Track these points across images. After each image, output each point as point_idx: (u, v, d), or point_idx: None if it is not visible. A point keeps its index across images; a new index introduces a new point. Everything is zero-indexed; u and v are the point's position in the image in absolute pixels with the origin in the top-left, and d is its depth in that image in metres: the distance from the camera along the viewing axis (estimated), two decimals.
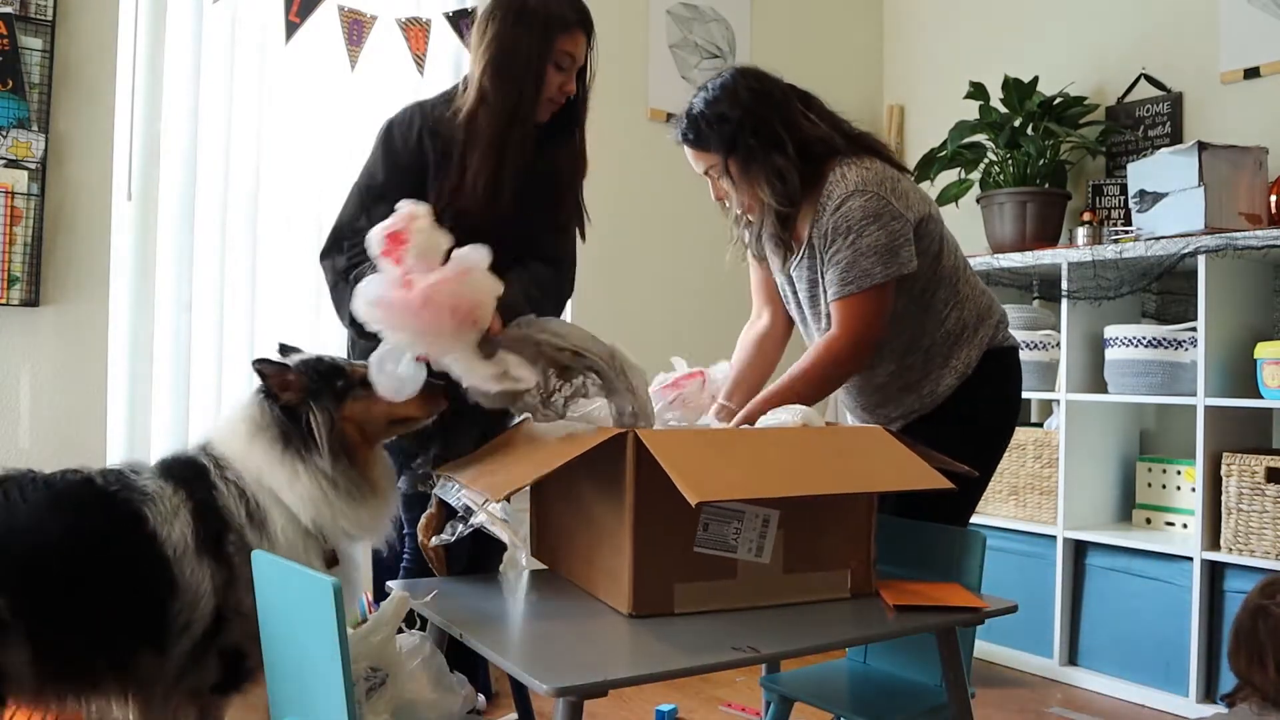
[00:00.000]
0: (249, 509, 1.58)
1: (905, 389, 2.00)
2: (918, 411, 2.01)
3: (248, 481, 1.59)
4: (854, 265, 1.84)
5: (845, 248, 1.84)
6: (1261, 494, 2.66)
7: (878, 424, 2.01)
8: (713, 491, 1.35)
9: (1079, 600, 3.12)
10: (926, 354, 1.98)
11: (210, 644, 1.54)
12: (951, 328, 1.98)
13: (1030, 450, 3.24)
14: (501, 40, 1.91)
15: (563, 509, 1.70)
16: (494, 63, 1.91)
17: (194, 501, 1.56)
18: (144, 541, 1.50)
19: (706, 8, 3.86)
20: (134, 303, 2.71)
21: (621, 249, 3.60)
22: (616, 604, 1.48)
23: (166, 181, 2.77)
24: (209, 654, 1.54)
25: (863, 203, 1.84)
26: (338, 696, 1.21)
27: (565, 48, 1.94)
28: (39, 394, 2.53)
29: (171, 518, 1.53)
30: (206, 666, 1.55)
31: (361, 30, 2.97)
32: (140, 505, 1.52)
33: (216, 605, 1.53)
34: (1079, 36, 3.56)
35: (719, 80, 1.99)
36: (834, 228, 1.86)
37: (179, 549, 1.51)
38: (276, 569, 1.39)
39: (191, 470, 1.60)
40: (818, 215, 1.89)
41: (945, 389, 1.98)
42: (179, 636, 1.51)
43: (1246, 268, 2.89)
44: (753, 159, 1.90)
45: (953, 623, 1.54)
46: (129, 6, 2.67)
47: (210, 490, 1.57)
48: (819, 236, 1.90)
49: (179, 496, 1.55)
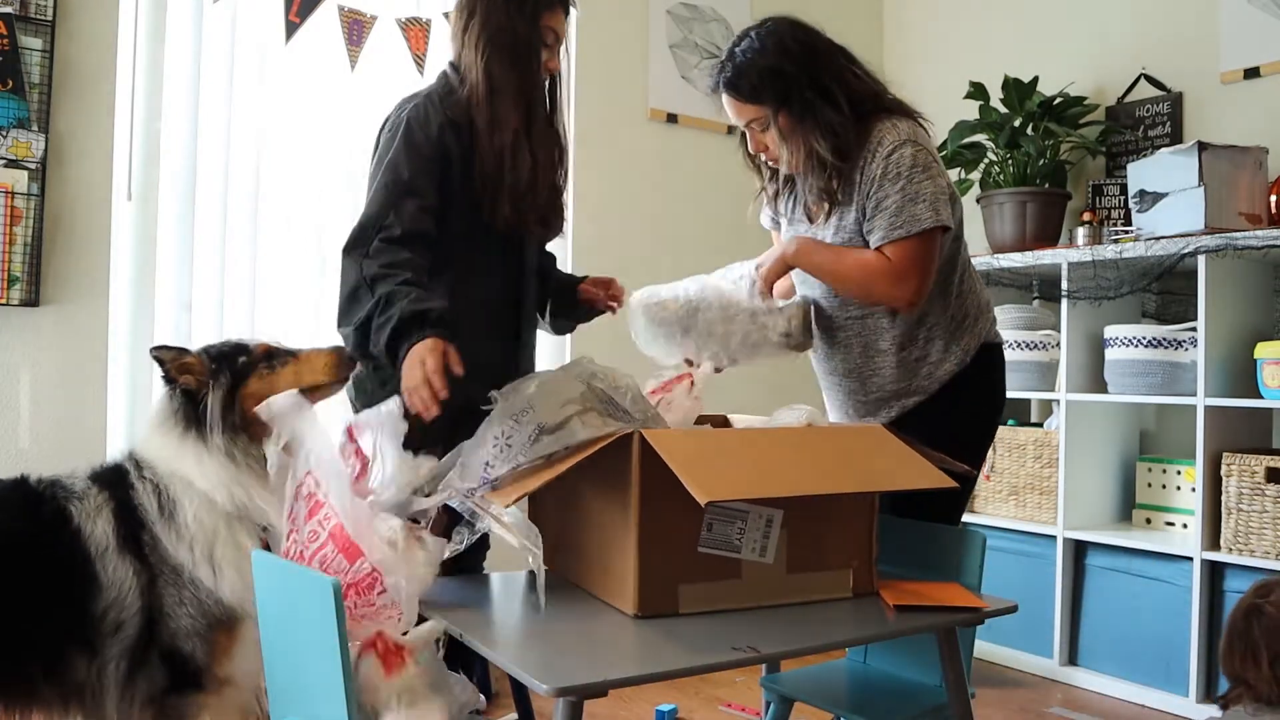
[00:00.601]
0: (161, 503, 1.57)
1: (904, 365, 1.98)
2: (913, 397, 1.99)
3: (160, 474, 1.59)
4: (903, 210, 1.83)
5: (895, 192, 1.83)
6: (1261, 494, 2.66)
7: (870, 413, 2.02)
8: (721, 491, 1.35)
9: (1079, 600, 3.12)
10: (930, 332, 1.97)
11: (149, 647, 1.53)
12: (956, 312, 1.98)
13: (1030, 450, 3.24)
14: (498, 25, 1.91)
15: (561, 510, 1.69)
16: (495, 48, 1.91)
17: (114, 501, 1.56)
18: (67, 539, 1.51)
19: (706, 8, 3.86)
20: (134, 303, 2.71)
21: (621, 249, 3.60)
22: (621, 605, 1.47)
23: (166, 181, 2.77)
24: (150, 657, 1.53)
25: (913, 152, 1.84)
26: (338, 696, 1.21)
27: (550, 24, 1.96)
28: (39, 394, 2.53)
29: (94, 516, 1.54)
30: (152, 670, 1.54)
31: (361, 30, 2.97)
32: (65, 503, 1.54)
33: (143, 605, 1.52)
34: (1079, 36, 3.56)
35: (763, 30, 1.95)
36: (884, 172, 1.84)
37: (100, 547, 1.52)
38: (276, 569, 1.39)
39: (115, 472, 1.61)
40: (865, 162, 1.87)
41: (943, 374, 1.97)
42: (110, 638, 1.50)
43: (1246, 268, 2.89)
44: (807, 112, 1.88)
45: (953, 623, 1.54)
46: (129, 6, 2.67)
47: (128, 490, 1.58)
48: (866, 181, 1.87)
49: (101, 496, 1.56)
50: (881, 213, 1.85)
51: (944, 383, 1.98)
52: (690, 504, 1.32)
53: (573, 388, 1.49)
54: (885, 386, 2.01)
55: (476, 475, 1.46)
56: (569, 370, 1.57)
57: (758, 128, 1.95)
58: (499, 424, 1.48)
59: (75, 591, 1.49)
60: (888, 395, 2.01)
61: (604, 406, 1.49)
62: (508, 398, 1.53)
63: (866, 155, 1.87)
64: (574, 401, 1.48)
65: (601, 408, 1.49)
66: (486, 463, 1.45)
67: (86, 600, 1.49)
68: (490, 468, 1.44)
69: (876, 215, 1.86)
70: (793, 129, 1.90)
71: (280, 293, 2.95)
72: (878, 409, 2.02)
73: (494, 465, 1.44)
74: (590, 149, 3.50)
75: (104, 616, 1.50)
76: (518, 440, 1.45)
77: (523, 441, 1.45)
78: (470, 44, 1.93)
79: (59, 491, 1.55)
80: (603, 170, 3.57)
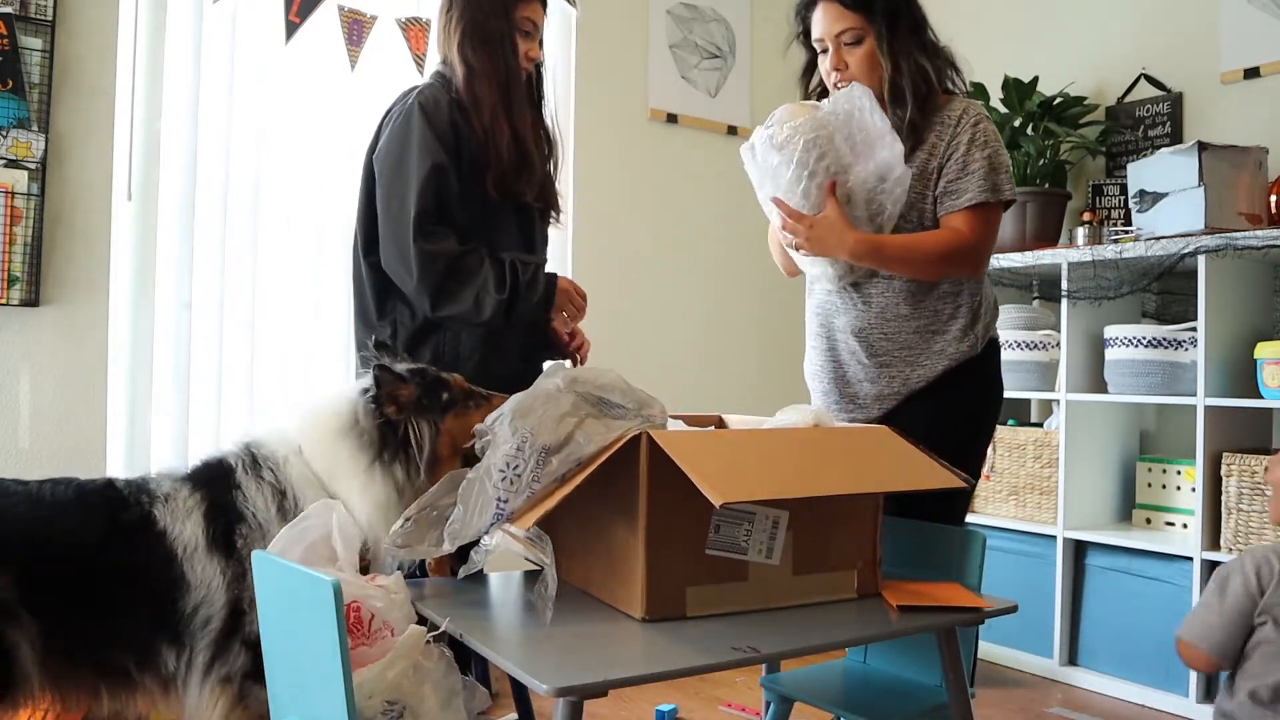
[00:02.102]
0: (282, 505, 1.58)
1: (920, 335, 1.97)
2: (917, 371, 1.97)
3: (292, 478, 1.60)
4: (989, 176, 1.90)
5: (983, 159, 1.91)
6: (1261, 494, 2.66)
7: (870, 380, 2.01)
8: (735, 492, 1.34)
9: (1079, 600, 3.12)
10: (956, 310, 1.98)
11: (232, 635, 1.56)
12: (970, 299, 1.99)
13: (1030, 450, 3.24)
14: (471, 15, 2.03)
15: (565, 514, 1.68)
16: (469, 36, 2.03)
17: (207, 503, 1.57)
18: (151, 541, 1.53)
19: (706, 8, 3.86)
20: (134, 303, 2.72)
21: (622, 249, 3.60)
22: (628, 608, 1.47)
23: (166, 181, 2.77)
24: (232, 645, 1.56)
25: (994, 129, 1.94)
26: (338, 696, 1.21)
27: (525, 14, 2.07)
28: (39, 394, 2.53)
29: (184, 518, 1.55)
30: (233, 656, 1.56)
31: (361, 30, 2.97)
32: (149, 508, 1.55)
33: (230, 599, 1.55)
34: (1079, 36, 3.55)
35: None
36: (972, 139, 1.91)
37: (188, 547, 1.54)
38: (276, 569, 1.39)
39: (217, 471, 1.62)
40: (947, 124, 1.93)
41: (954, 354, 1.96)
42: (199, 632, 1.54)
43: (1246, 268, 2.90)
44: (909, 37, 1.93)
45: (953, 623, 1.54)
46: (129, 6, 2.67)
47: (230, 490, 1.59)
48: (948, 144, 1.92)
49: (194, 499, 1.57)
50: (969, 175, 1.90)
51: (949, 368, 1.97)
52: (697, 506, 1.31)
53: (563, 400, 1.47)
54: (893, 353, 1.99)
55: (490, 513, 1.44)
56: (548, 384, 1.53)
57: (848, 39, 1.95)
58: (499, 459, 1.45)
59: (162, 590, 1.52)
60: (894, 363, 1.99)
61: (598, 409, 1.49)
62: (497, 430, 1.50)
63: (948, 120, 1.94)
64: (569, 414, 1.46)
65: (597, 411, 1.48)
66: (499, 499, 1.43)
67: (174, 598, 1.52)
68: (504, 503, 1.43)
69: (963, 178, 1.91)
70: (888, 50, 1.92)
71: (280, 293, 2.95)
72: (878, 378, 2.00)
73: (507, 500, 1.43)
74: (590, 149, 3.50)
75: (194, 613, 1.53)
76: (526, 469, 1.44)
77: (532, 468, 1.44)
78: (450, 37, 2.06)
79: (143, 496, 1.57)
80: (603, 170, 3.57)
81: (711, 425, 1.92)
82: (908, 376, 1.99)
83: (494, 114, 2.01)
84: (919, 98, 1.92)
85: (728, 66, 3.92)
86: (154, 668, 1.54)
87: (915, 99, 1.92)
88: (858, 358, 2.03)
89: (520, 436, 1.43)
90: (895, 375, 2.00)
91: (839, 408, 2.07)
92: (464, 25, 2.03)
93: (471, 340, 2.02)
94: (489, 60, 2.02)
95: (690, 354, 3.79)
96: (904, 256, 1.91)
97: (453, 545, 1.43)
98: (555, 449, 1.44)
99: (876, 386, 2.01)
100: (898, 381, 1.99)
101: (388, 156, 2.00)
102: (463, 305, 1.95)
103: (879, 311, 2.00)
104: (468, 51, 2.02)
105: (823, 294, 2.10)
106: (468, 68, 2.02)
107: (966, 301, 1.99)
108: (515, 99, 2.04)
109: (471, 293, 1.95)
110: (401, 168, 1.97)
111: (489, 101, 2.01)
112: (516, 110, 2.04)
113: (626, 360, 1.80)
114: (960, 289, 1.99)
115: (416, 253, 1.92)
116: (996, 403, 2.08)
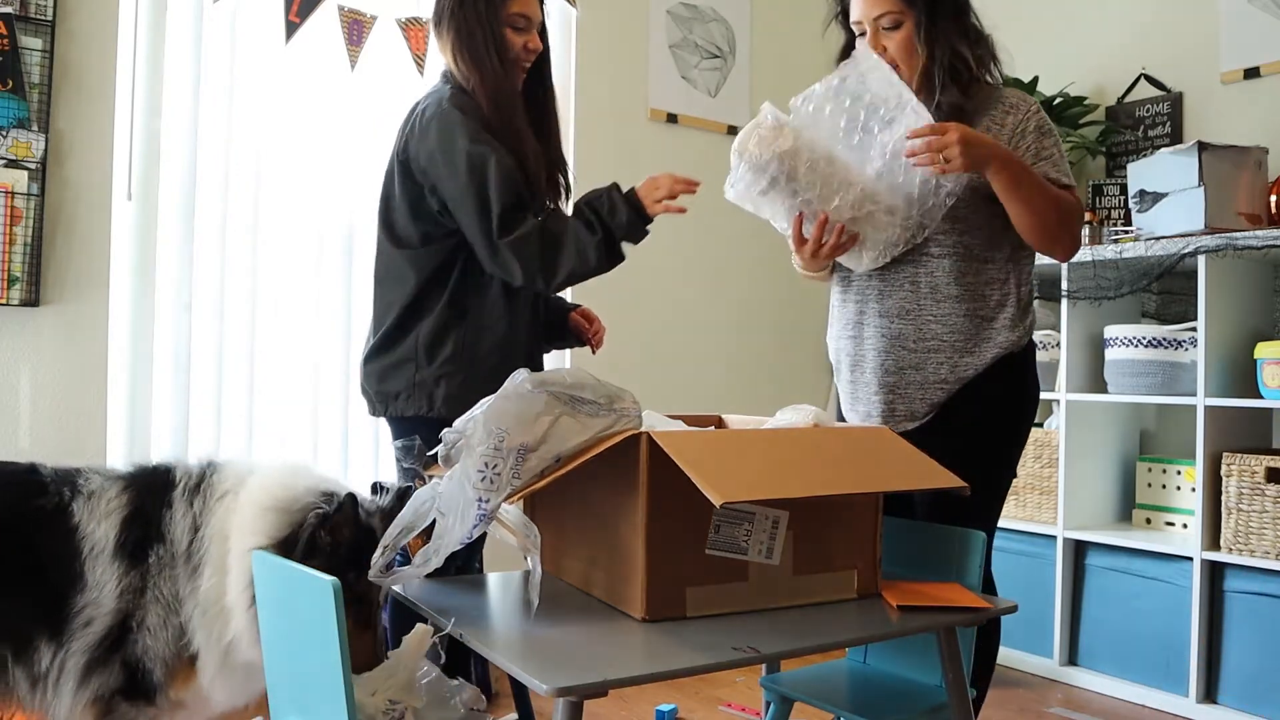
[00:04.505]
0: (199, 547, 1.54)
1: (971, 318, 1.89)
2: (965, 358, 1.89)
3: (211, 522, 1.55)
4: (1062, 162, 1.90)
5: (1053, 146, 1.90)
6: (1261, 494, 2.66)
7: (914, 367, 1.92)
8: (736, 492, 1.33)
9: (1079, 600, 3.12)
10: (1004, 297, 1.91)
11: (113, 649, 1.53)
12: (1016, 288, 1.92)
13: (1030, 450, 3.24)
14: (456, 24, 2.03)
15: (560, 511, 1.69)
16: (457, 47, 2.03)
17: (132, 509, 1.55)
18: (62, 534, 1.51)
19: (706, 8, 3.86)
20: (134, 303, 2.72)
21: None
22: (629, 609, 1.47)
23: (166, 181, 2.77)
24: (111, 660, 1.53)
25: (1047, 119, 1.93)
26: (338, 696, 1.21)
27: (516, 9, 2.04)
28: (39, 394, 2.53)
29: (101, 518, 1.53)
30: (109, 672, 1.53)
31: (361, 30, 2.97)
32: (69, 500, 1.54)
33: (119, 609, 1.52)
34: (1079, 36, 3.56)
35: None
36: (1038, 126, 1.90)
37: (96, 549, 1.52)
38: (276, 569, 1.39)
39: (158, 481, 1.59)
40: (1009, 113, 1.90)
41: (1003, 342, 1.89)
42: (79, 632, 1.51)
43: (1246, 268, 2.90)
44: (950, 25, 1.89)
45: (953, 623, 1.54)
46: (129, 6, 2.67)
47: (163, 508, 1.55)
48: (1013, 133, 1.89)
49: (120, 500, 1.56)
50: (1046, 160, 1.88)
51: (999, 357, 1.89)
52: (697, 507, 1.31)
53: (535, 400, 1.46)
54: (942, 337, 1.90)
55: (473, 515, 1.44)
56: (516, 389, 1.51)
57: (886, 23, 1.89)
58: (476, 460, 1.43)
59: (55, 584, 1.50)
60: (942, 348, 1.90)
61: (571, 407, 1.48)
62: (470, 433, 1.49)
63: (1006, 108, 1.91)
64: (544, 413, 1.45)
65: (570, 409, 1.48)
66: (480, 499, 1.43)
67: (66, 594, 1.50)
68: (485, 503, 1.43)
69: (1041, 163, 1.88)
70: (924, 38, 1.88)
71: (280, 293, 2.95)
72: (923, 364, 1.91)
73: (489, 499, 1.42)
74: (590, 149, 3.50)
75: (79, 612, 1.51)
76: (505, 467, 1.43)
77: (511, 465, 1.43)
78: (444, 50, 2.07)
79: (65, 488, 1.55)
80: (603, 170, 3.56)
81: (711, 425, 1.92)
82: (956, 363, 1.89)
83: (496, 130, 2.01)
84: (960, 84, 1.88)
85: (728, 66, 3.92)
86: (27, 663, 1.51)
87: (958, 85, 1.88)
88: (902, 343, 1.93)
89: (496, 436, 1.43)
90: (944, 361, 1.90)
91: (878, 399, 1.95)
92: (452, 38, 2.03)
93: (491, 340, 2.02)
94: (478, 74, 2.01)
95: (690, 354, 3.79)
96: (1039, 184, 1.83)
97: (440, 560, 1.42)
98: (533, 447, 1.44)
99: (922, 374, 1.91)
100: (945, 368, 1.90)
101: (445, 162, 1.96)
102: (569, 266, 1.96)
103: (929, 292, 1.91)
104: (460, 64, 2.03)
105: (860, 280, 1.99)
106: (464, 78, 2.03)
107: (1014, 290, 1.91)
108: (507, 116, 2.03)
109: (571, 252, 1.95)
110: (474, 171, 1.93)
111: (479, 116, 2.01)
112: (513, 130, 2.03)
113: (626, 359, 1.81)
114: (1008, 275, 1.91)
115: (507, 246, 1.93)
116: (1036, 400, 2.00)
